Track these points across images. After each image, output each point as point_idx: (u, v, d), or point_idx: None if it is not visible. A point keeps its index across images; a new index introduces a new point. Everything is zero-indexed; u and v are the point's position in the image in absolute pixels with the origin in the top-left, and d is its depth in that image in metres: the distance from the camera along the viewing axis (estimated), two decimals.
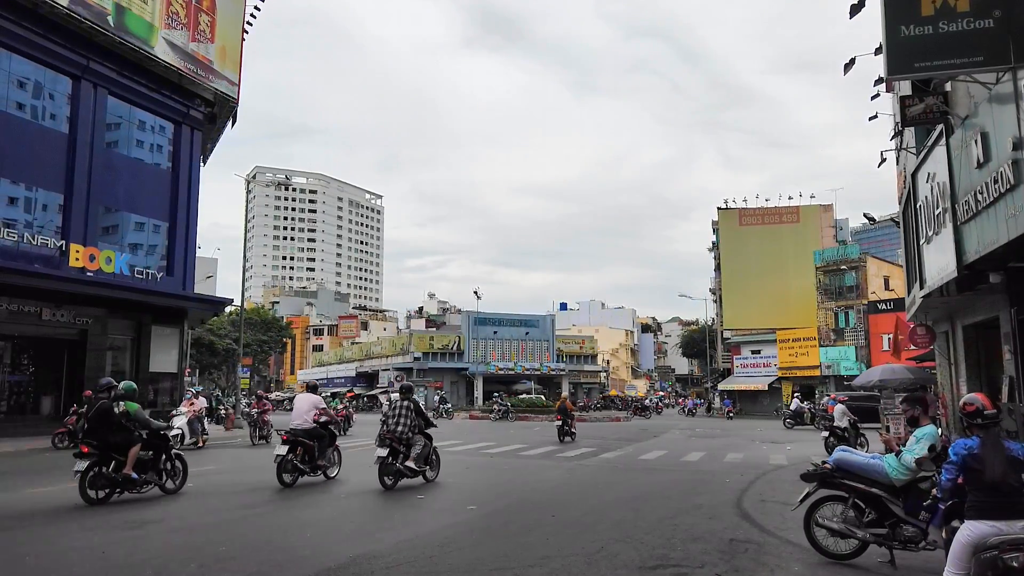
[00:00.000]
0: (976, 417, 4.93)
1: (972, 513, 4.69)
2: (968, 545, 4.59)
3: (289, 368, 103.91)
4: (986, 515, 4.59)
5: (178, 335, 27.54)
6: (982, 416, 4.92)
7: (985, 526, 4.56)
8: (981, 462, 4.69)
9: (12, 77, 22.11)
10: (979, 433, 4.90)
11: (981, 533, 4.55)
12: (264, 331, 73.99)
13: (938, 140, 12.95)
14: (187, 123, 27.64)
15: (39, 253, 22.06)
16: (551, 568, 6.49)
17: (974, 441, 4.85)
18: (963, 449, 4.83)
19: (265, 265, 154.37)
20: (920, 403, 7.17)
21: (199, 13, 27.48)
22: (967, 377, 16.82)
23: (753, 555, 7.15)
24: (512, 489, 12.10)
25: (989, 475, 4.63)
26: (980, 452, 4.73)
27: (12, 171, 21.92)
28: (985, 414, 4.91)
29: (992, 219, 10.16)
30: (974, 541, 4.56)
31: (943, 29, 10.83)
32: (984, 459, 4.69)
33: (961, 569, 4.63)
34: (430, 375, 64.74)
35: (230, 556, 6.89)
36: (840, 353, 53.42)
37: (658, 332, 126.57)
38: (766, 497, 11.21)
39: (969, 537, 4.59)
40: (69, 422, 18.47)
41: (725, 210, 66.11)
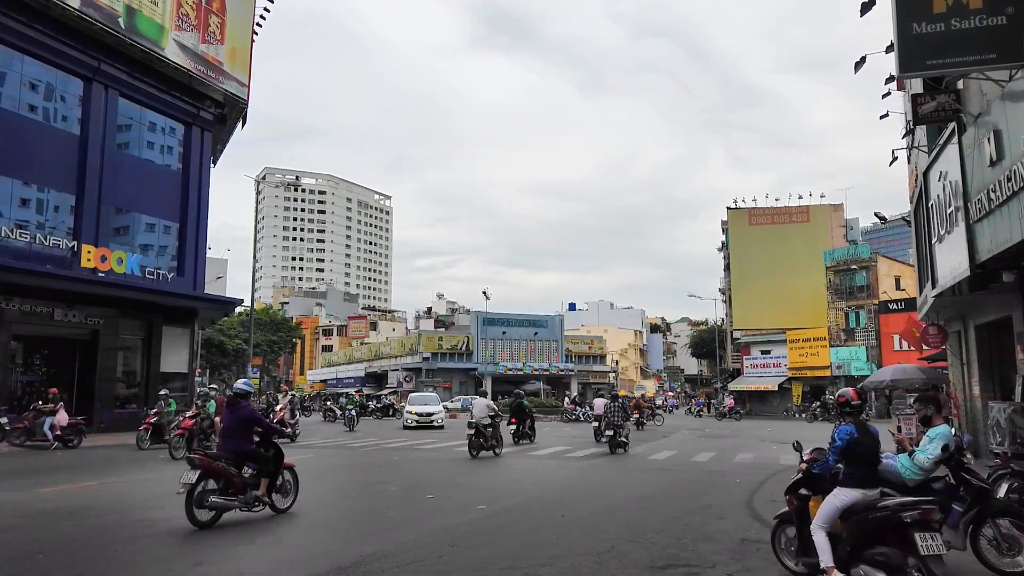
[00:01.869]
0: (846, 407, 5.90)
1: (849, 483, 5.64)
2: (841, 508, 5.57)
3: (299, 368, 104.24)
4: (859, 484, 5.58)
5: (188, 335, 27.66)
6: (850, 406, 5.88)
7: (857, 493, 5.54)
8: (861, 444, 5.66)
9: (24, 79, 22.27)
10: (851, 420, 5.81)
11: (852, 499, 5.53)
12: (274, 331, 74.24)
13: (950, 138, 12.86)
14: (197, 124, 27.77)
15: (51, 254, 22.20)
16: (561, 567, 6.48)
17: (851, 427, 5.73)
18: (847, 435, 5.70)
19: (275, 266, 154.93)
20: (933, 403, 7.12)
21: (209, 15, 27.61)
22: (979, 377, 16.71)
23: (764, 555, 7.10)
24: (521, 488, 12.09)
25: (868, 453, 5.67)
26: (859, 436, 5.70)
27: (24, 172, 22.08)
28: (852, 404, 5.90)
29: (1005, 217, 10.08)
30: (847, 504, 5.54)
31: (955, 27, 10.77)
32: (862, 441, 5.68)
33: (827, 524, 5.65)
34: (439, 375, 64.78)
35: (239, 555, 6.92)
36: (851, 353, 53.15)
37: (667, 332, 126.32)
38: (777, 497, 11.12)
39: (844, 501, 5.56)
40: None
41: (735, 210, 65.93)
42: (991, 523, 6.29)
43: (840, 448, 5.75)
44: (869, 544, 5.40)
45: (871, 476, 5.72)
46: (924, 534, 5.23)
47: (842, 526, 5.57)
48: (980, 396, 16.55)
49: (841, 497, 5.61)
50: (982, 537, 6.34)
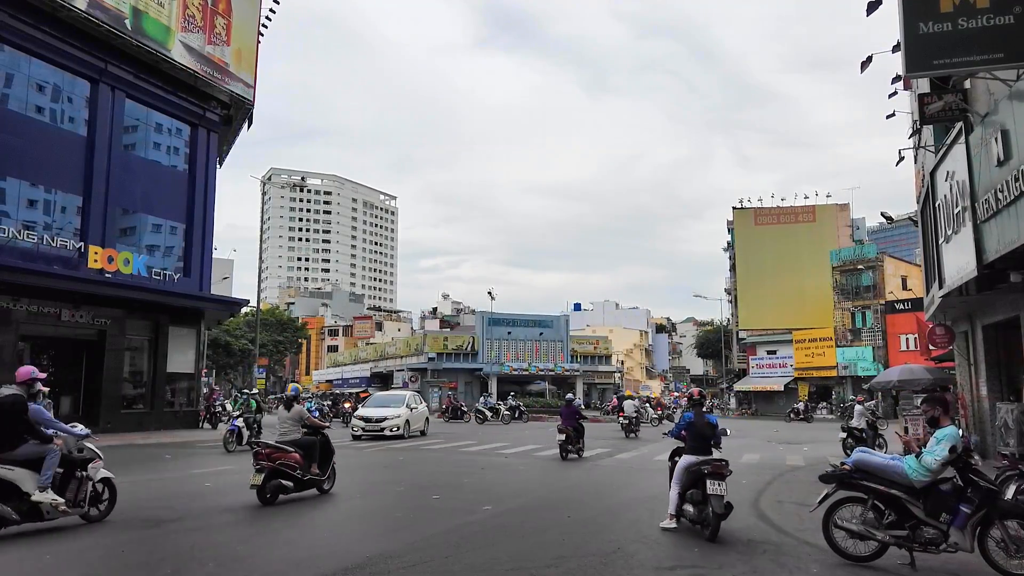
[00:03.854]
0: (690, 401, 9.15)
1: (688, 451, 8.49)
2: (684, 469, 8.34)
3: (304, 368, 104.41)
4: (693, 452, 8.41)
5: (195, 336, 27.73)
6: (692, 400, 9.13)
7: (692, 457, 8.35)
8: (696, 426, 8.56)
9: (31, 81, 22.36)
10: (694, 409, 8.87)
11: (689, 461, 8.34)
12: (280, 332, 74.39)
13: (957, 138, 12.81)
14: (203, 125, 27.85)
15: (58, 255, 22.29)
16: (567, 568, 6.48)
17: (691, 414, 8.75)
18: (687, 419, 8.72)
19: (280, 266, 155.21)
20: (940, 403, 7.08)
21: (215, 16, 27.68)
22: (987, 377, 16.64)
23: (772, 556, 7.10)
24: (527, 489, 12.09)
25: (700, 433, 8.49)
26: (695, 420, 8.62)
27: (31, 173, 22.18)
28: (694, 399, 9.10)
29: (1013, 217, 10.03)
30: (686, 465, 8.33)
31: (962, 26, 10.74)
32: (695, 423, 8.59)
33: (680, 485, 8.39)
34: (444, 375, 64.77)
35: (247, 555, 6.93)
36: (857, 353, 52.98)
37: (673, 332, 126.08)
38: (783, 498, 11.14)
39: (685, 464, 8.36)
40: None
41: (740, 210, 65.79)
42: (999, 525, 6.26)
43: (682, 426, 8.77)
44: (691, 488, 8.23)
45: (701, 447, 8.42)
46: (712, 481, 7.86)
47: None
48: (987, 397, 16.49)
49: (683, 461, 8.46)
50: (990, 539, 6.31)
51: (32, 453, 7.66)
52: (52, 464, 7.73)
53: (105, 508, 8.55)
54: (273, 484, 10.00)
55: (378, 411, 24.16)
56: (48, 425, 8.00)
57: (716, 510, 7.66)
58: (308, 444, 10.68)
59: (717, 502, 7.68)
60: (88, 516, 8.28)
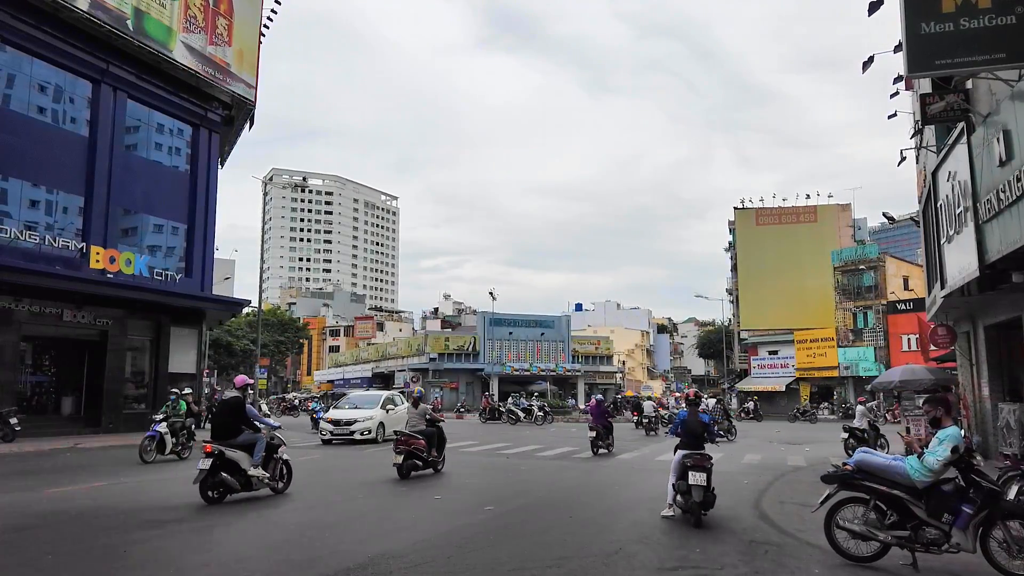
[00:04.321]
0: (686, 401, 10.13)
1: (681, 446, 9.45)
2: (677, 462, 9.21)
3: (306, 369, 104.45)
4: (685, 447, 9.35)
5: (196, 336, 27.77)
6: (688, 400, 10.11)
7: (684, 451, 9.22)
8: (688, 424, 9.47)
9: (33, 81, 22.39)
10: (688, 408, 9.83)
11: (681, 455, 9.21)
12: (281, 332, 74.43)
13: (959, 138, 12.80)
14: (205, 126, 27.87)
15: (60, 255, 22.31)
16: (569, 569, 6.48)
17: (685, 413, 9.75)
18: (682, 417, 9.70)
19: (282, 266, 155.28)
20: (942, 404, 7.08)
21: (216, 16, 27.70)
22: (988, 377, 16.62)
23: (773, 556, 7.09)
24: (529, 489, 12.09)
25: (691, 431, 9.42)
26: (688, 418, 9.55)
27: (33, 174, 22.20)
28: (689, 399, 10.09)
29: (1015, 218, 10.02)
30: (679, 459, 9.19)
31: (964, 26, 10.73)
32: (688, 421, 9.49)
33: (674, 476, 9.20)
34: (446, 376, 64.81)
35: (248, 556, 6.94)
36: (859, 354, 52.95)
37: (674, 333, 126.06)
38: (784, 498, 11.13)
39: (678, 457, 9.27)
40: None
41: (741, 210, 65.76)
42: (1001, 525, 6.25)
43: (677, 423, 9.77)
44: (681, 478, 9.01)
45: (692, 442, 9.38)
46: (693, 472, 8.83)
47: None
48: (989, 397, 16.47)
49: (676, 455, 9.40)
50: (992, 539, 6.30)
51: (247, 440, 10.39)
52: (261, 448, 10.47)
53: (286, 483, 11.09)
54: (408, 463, 12.95)
55: (348, 413, 22.12)
56: (258, 420, 10.82)
57: (695, 498, 8.67)
58: (430, 434, 13.69)
59: (697, 492, 8.71)
60: (275, 488, 10.80)
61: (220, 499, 9.94)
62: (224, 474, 9.85)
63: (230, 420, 10.37)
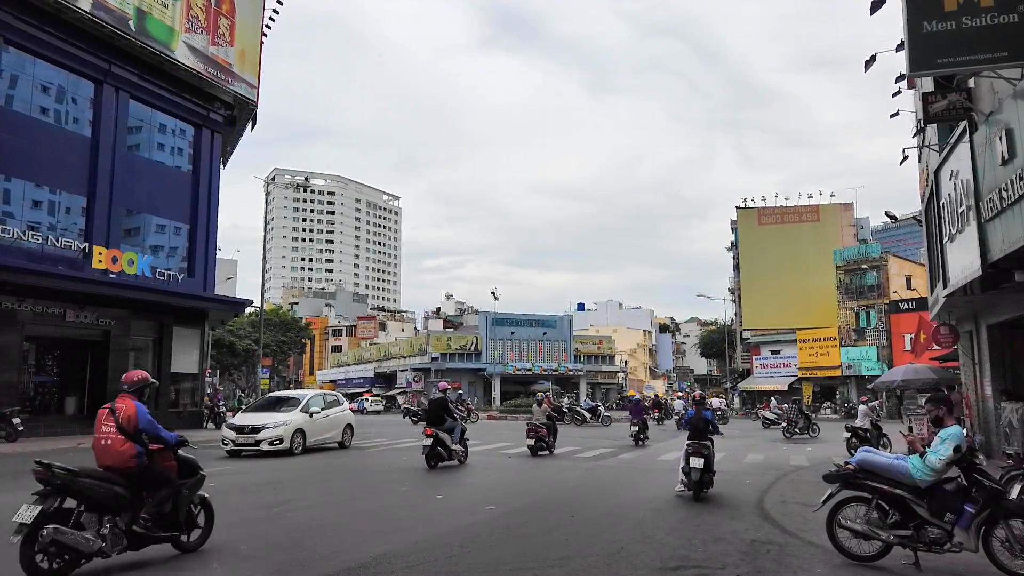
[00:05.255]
0: (695, 400, 12.54)
1: (689, 438, 11.37)
2: (684, 450, 11.13)
3: (308, 369, 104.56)
4: (692, 438, 11.23)
5: (199, 336, 27.80)
6: (695, 400, 12.48)
7: (689, 442, 11.17)
8: (695, 420, 11.54)
9: (36, 82, 22.42)
10: (696, 407, 11.96)
11: (687, 444, 11.17)
12: (283, 332, 74.45)
13: (961, 137, 12.78)
14: (207, 126, 27.90)
15: (63, 255, 22.35)
16: (571, 569, 6.48)
17: (692, 412, 11.88)
18: (689, 415, 11.87)
19: (284, 266, 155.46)
20: (945, 403, 7.07)
21: (218, 17, 27.73)
22: (991, 377, 16.59)
23: (775, 556, 7.09)
24: (531, 489, 12.09)
25: (697, 427, 11.37)
26: (694, 415, 11.63)
27: (36, 174, 22.24)
28: (696, 400, 12.46)
29: (1017, 217, 10.01)
30: (685, 448, 11.15)
31: (966, 24, 10.72)
32: (694, 418, 11.57)
33: (683, 461, 11.08)
34: (448, 375, 64.85)
35: (251, 555, 6.94)
36: (861, 353, 52.91)
37: (676, 332, 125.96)
38: (787, 498, 11.12)
39: (685, 447, 11.20)
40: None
41: (744, 209, 65.75)
42: (1003, 525, 6.24)
43: (686, 419, 12.06)
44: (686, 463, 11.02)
45: (696, 435, 11.27)
46: (693, 457, 10.82)
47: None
48: (992, 396, 16.45)
49: (685, 447, 11.25)
50: (994, 539, 6.29)
51: (450, 426, 15.15)
52: (458, 431, 15.33)
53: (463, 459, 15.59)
54: (537, 445, 17.94)
55: (256, 417, 17.94)
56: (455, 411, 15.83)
57: (692, 477, 10.79)
58: (550, 426, 18.79)
59: (695, 472, 10.78)
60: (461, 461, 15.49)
61: (435, 466, 14.40)
62: (439, 448, 14.63)
63: (440, 412, 15.21)
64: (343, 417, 20.38)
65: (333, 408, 20.01)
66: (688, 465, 10.86)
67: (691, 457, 10.86)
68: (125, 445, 6.35)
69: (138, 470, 6.40)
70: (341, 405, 20.91)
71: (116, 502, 6.16)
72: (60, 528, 5.68)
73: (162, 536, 6.55)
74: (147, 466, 6.48)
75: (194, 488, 6.94)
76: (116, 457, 6.34)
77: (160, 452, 6.66)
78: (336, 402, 20.76)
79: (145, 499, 6.42)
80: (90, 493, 6.00)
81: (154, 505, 6.39)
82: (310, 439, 18.27)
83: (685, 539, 7.84)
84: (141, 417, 6.43)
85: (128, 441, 6.36)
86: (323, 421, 19.02)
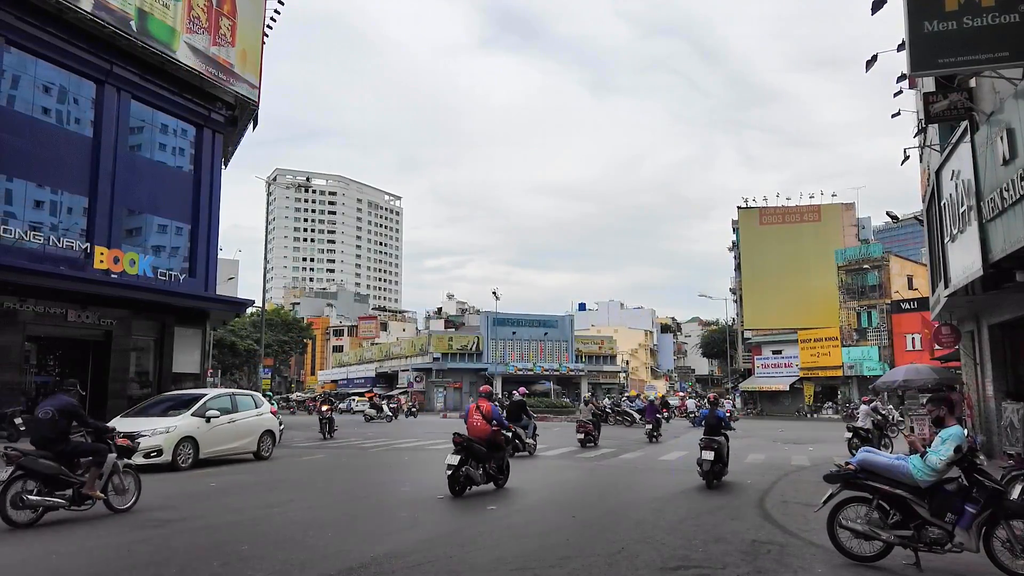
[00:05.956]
0: (709, 401, 14.35)
1: (704, 434, 12.88)
2: (699, 445, 12.65)
3: (310, 369, 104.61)
4: (706, 434, 12.77)
5: (200, 336, 27.79)
6: (710, 401, 14.29)
7: (702, 437, 12.75)
8: (708, 419, 13.10)
9: (38, 82, 22.42)
10: (710, 407, 13.52)
11: (700, 439, 12.77)
12: (285, 332, 74.49)
13: (963, 137, 12.78)
14: (209, 126, 27.90)
15: (64, 255, 22.36)
16: (572, 568, 6.48)
17: (706, 411, 13.44)
18: (704, 414, 13.48)
19: (285, 266, 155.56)
20: (946, 403, 7.07)
21: (220, 17, 27.73)
22: (993, 377, 16.58)
23: (776, 556, 7.09)
24: (532, 489, 12.09)
25: (710, 424, 13.01)
26: (708, 414, 13.25)
27: (38, 174, 22.25)
28: (710, 401, 14.21)
29: (1019, 217, 10.00)
30: (699, 442, 12.73)
31: (967, 24, 10.71)
32: (708, 417, 13.21)
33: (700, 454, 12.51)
34: (449, 376, 64.88)
35: (252, 555, 6.95)
36: (863, 353, 52.85)
37: (678, 332, 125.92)
38: (788, 498, 11.12)
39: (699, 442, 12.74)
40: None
41: (745, 209, 65.68)
42: (1005, 525, 6.24)
43: (701, 417, 14.60)
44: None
45: (710, 432, 12.79)
46: (705, 451, 12.39)
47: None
48: (993, 396, 16.44)
49: (699, 441, 12.83)
50: (995, 539, 6.29)
51: (525, 423, 18.08)
52: (531, 427, 18.48)
53: (533, 451, 18.42)
54: (586, 439, 21.19)
55: (134, 423, 14.24)
56: (530, 412, 19.30)
57: (704, 468, 12.36)
58: (595, 422, 22.09)
59: (706, 464, 12.34)
60: (531, 451, 18.09)
61: (512, 454, 14.82)
62: (517, 441, 16.56)
63: (519, 411, 18.31)
64: (259, 422, 17.18)
65: (245, 412, 16.86)
66: (701, 457, 12.51)
67: (703, 451, 12.53)
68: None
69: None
70: (258, 408, 17.62)
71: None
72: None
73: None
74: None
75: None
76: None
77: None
78: (251, 404, 17.55)
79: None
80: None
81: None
82: (206, 449, 15.24)
83: (686, 539, 7.84)
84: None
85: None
86: (226, 427, 15.93)
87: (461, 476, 10.71)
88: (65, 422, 8.80)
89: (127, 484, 9.37)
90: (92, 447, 9.02)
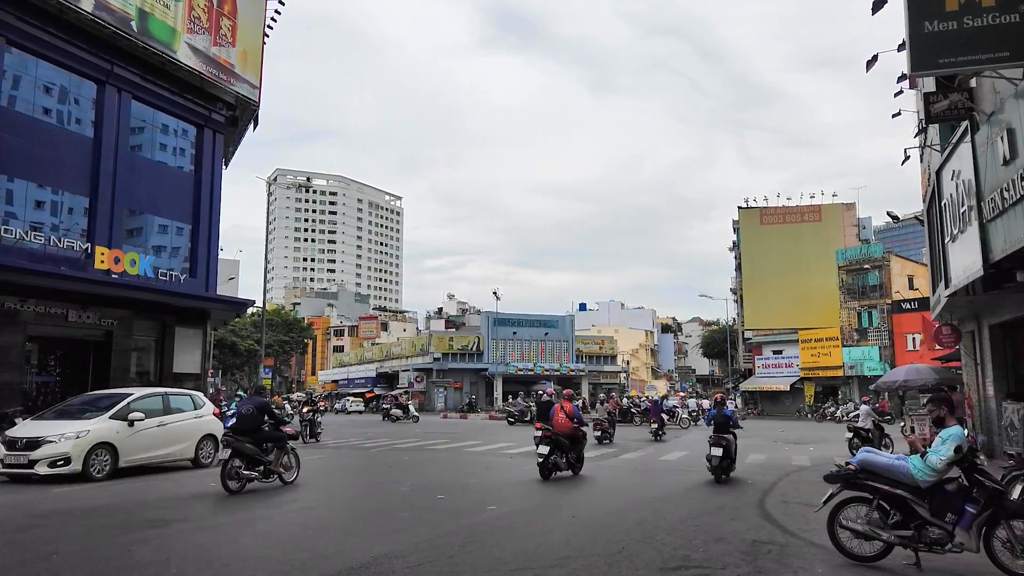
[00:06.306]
0: (716, 402, 15.44)
1: (713, 432, 13.80)
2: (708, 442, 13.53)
3: (310, 369, 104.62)
4: (714, 432, 13.69)
5: (201, 336, 27.79)
6: (717, 401, 15.35)
7: (711, 435, 13.67)
8: (717, 418, 13.99)
9: (39, 83, 22.43)
10: (717, 407, 14.57)
11: (709, 437, 13.69)
12: (285, 332, 74.53)
13: (963, 137, 12.78)
14: (209, 126, 27.91)
15: (65, 256, 22.37)
16: (572, 568, 6.48)
17: (714, 411, 14.43)
18: (712, 414, 14.52)
19: (286, 267, 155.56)
20: (946, 403, 7.06)
21: (220, 17, 27.74)
22: (993, 377, 16.58)
23: (776, 556, 7.09)
24: (532, 489, 12.10)
25: (716, 423, 13.85)
26: (716, 414, 14.17)
27: (39, 175, 22.26)
28: (717, 402, 15.21)
29: (1019, 217, 10.00)
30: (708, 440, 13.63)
31: (968, 24, 10.71)
32: (716, 416, 14.13)
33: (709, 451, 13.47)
34: (449, 376, 64.86)
35: (252, 555, 6.96)
36: (863, 353, 52.83)
37: (678, 332, 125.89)
38: (788, 498, 11.12)
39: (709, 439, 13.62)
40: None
41: (746, 209, 65.65)
42: (1005, 525, 6.24)
43: (710, 416, 14.96)
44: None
45: (718, 430, 13.60)
46: (713, 447, 13.11)
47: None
48: (994, 397, 16.43)
49: (709, 438, 13.56)
50: (996, 539, 6.29)
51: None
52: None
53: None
54: (603, 436, 22.75)
55: (43, 426, 13.04)
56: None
57: (713, 464, 13.11)
58: (610, 420, 23.95)
59: (714, 460, 13.10)
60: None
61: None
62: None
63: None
64: (197, 426, 15.36)
65: (180, 414, 15.05)
66: (710, 453, 13.26)
67: (712, 447, 13.29)
68: None
69: None
70: (197, 409, 15.68)
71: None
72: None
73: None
74: None
75: None
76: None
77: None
78: (189, 405, 15.66)
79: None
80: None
81: None
82: (127, 457, 13.38)
83: (686, 539, 7.84)
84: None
85: None
86: (154, 432, 14.08)
87: (550, 463, 13.18)
88: (260, 417, 11.69)
89: (291, 463, 12.32)
90: (278, 435, 11.83)
